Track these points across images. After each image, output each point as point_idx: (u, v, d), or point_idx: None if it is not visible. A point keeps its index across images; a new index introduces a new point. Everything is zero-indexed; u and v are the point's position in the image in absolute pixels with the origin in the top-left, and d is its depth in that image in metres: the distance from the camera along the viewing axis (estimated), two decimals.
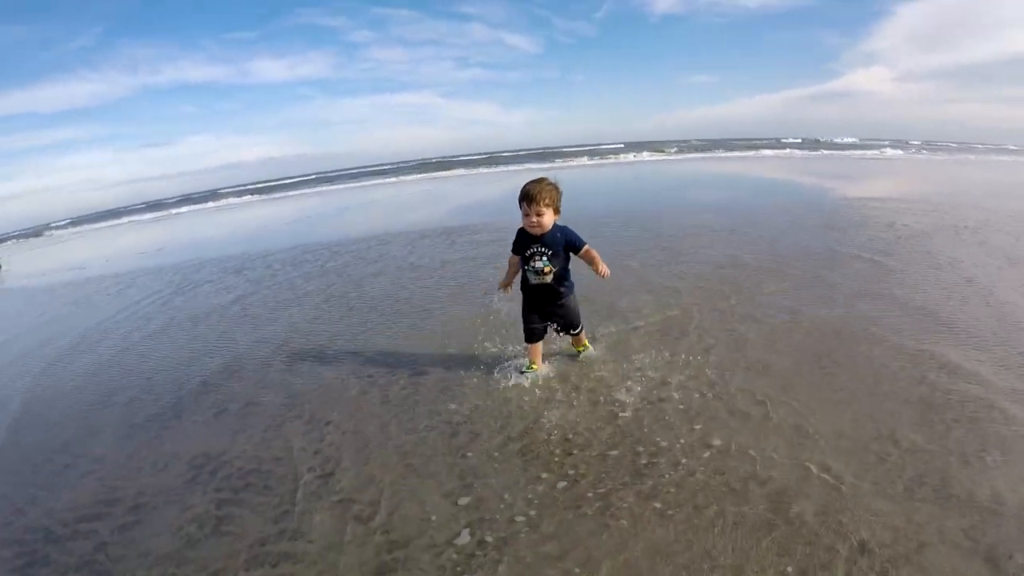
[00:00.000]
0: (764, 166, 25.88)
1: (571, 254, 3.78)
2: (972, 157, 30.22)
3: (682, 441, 3.12)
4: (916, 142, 44.42)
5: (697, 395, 3.63)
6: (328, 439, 3.57)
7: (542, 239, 3.66)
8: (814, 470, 2.82)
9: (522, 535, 2.54)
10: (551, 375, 4.01)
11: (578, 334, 4.12)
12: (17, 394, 5.03)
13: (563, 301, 3.88)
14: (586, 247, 3.71)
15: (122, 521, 3.00)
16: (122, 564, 2.68)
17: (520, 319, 3.97)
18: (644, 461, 2.98)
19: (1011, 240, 7.65)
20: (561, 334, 4.13)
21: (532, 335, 3.96)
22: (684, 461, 2.94)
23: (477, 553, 2.45)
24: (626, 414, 3.44)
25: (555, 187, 3.63)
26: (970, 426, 3.13)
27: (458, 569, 2.38)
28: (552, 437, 3.27)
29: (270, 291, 7.72)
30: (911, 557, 2.24)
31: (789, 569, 2.20)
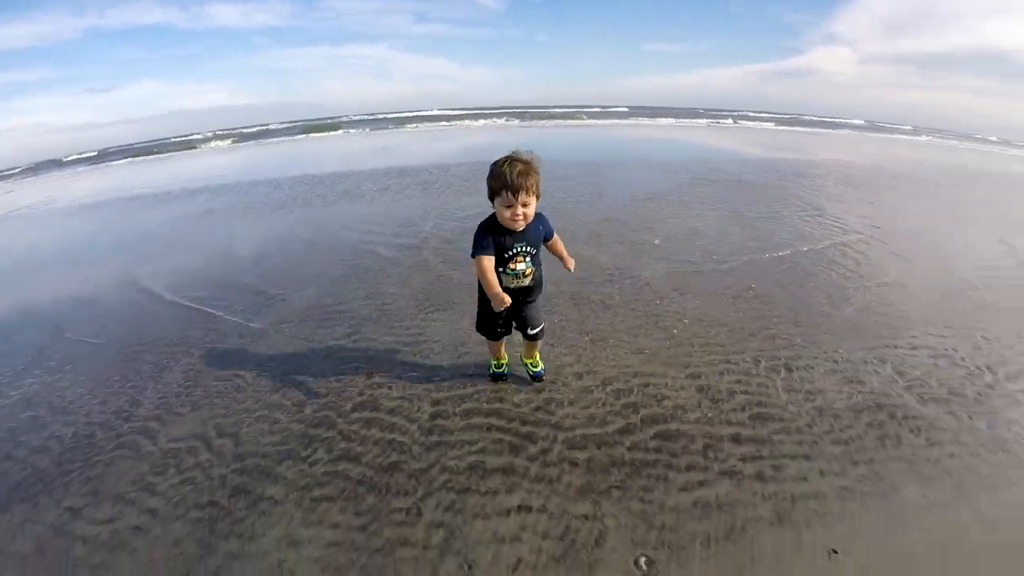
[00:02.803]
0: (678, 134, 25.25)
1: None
2: (922, 139, 30.46)
3: None
4: (859, 122, 44.19)
5: None
6: None
7: (526, 235, 2.90)
8: None
9: None
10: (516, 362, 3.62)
11: (538, 336, 3.31)
12: None
13: (533, 300, 3.17)
14: (556, 236, 3.11)
15: None
16: None
17: (475, 315, 3.30)
18: None
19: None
20: (514, 333, 3.40)
21: (495, 333, 3.32)
22: None
23: None
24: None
25: (536, 167, 2.77)
26: None
27: None
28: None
29: None
30: None
31: None
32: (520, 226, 2.81)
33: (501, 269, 2.90)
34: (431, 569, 2.27)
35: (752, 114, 47.39)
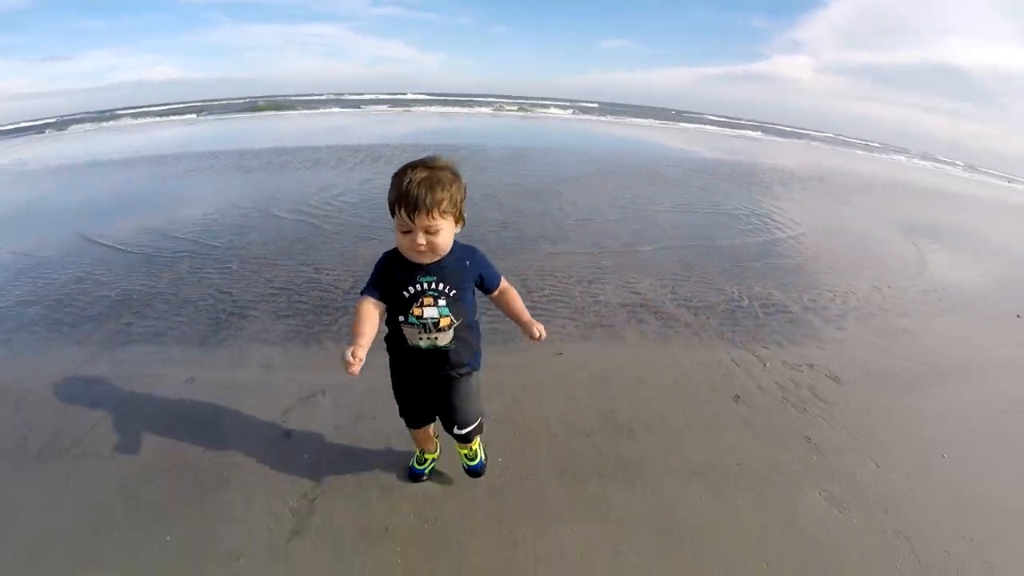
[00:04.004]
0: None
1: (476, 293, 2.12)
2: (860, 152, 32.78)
3: None
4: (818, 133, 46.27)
5: None
6: None
7: (436, 267, 1.92)
8: None
9: None
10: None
11: (470, 434, 2.30)
12: None
13: (461, 380, 2.15)
14: (503, 284, 2.11)
15: None
16: None
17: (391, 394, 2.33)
18: None
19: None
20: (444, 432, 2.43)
21: (414, 420, 2.38)
22: None
23: None
24: None
25: (455, 177, 1.86)
26: None
27: None
28: None
29: None
30: None
31: None
32: (425, 259, 1.87)
33: (402, 319, 1.95)
34: None
35: (715, 118, 49.29)
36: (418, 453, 2.64)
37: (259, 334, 4.09)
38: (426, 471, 2.63)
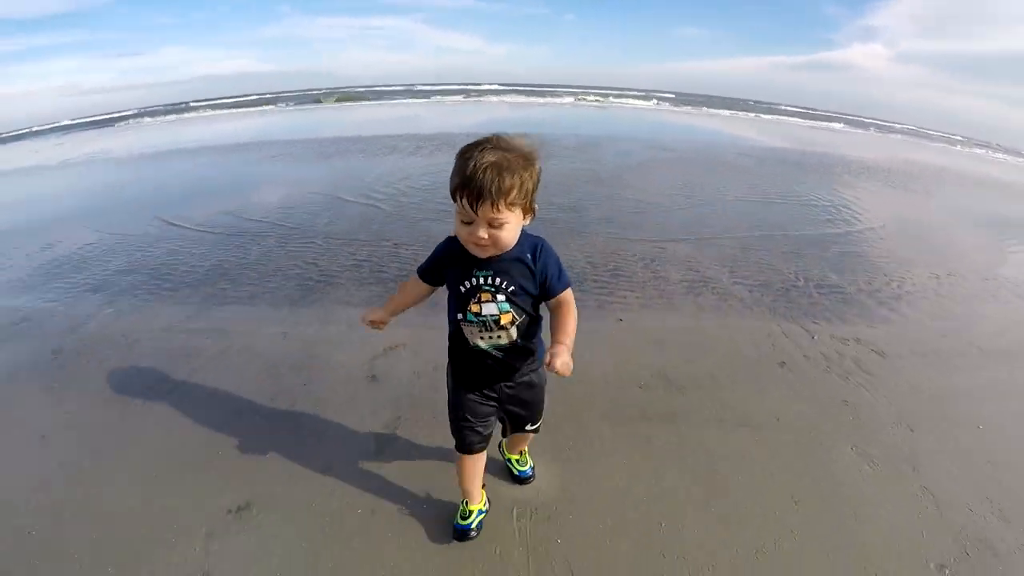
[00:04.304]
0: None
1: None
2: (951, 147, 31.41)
3: None
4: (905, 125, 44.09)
5: None
6: None
7: (496, 261, 1.72)
8: None
9: None
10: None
11: (536, 431, 2.25)
12: None
13: (528, 379, 1.99)
14: (567, 295, 1.80)
15: None
16: None
17: (447, 407, 2.09)
18: None
19: None
20: (507, 436, 2.38)
21: (469, 441, 2.06)
22: None
23: None
24: None
25: (529, 162, 1.59)
26: None
27: None
28: None
29: None
30: None
31: None
32: (485, 253, 1.68)
33: (460, 316, 1.80)
34: None
35: (790, 108, 48.44)
36: (462, 506, 2.30)
37: (344, 298, 4.59)
38: (473, 525, 2.25)
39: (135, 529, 2.36)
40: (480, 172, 1.48)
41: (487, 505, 2.35)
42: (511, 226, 1.60)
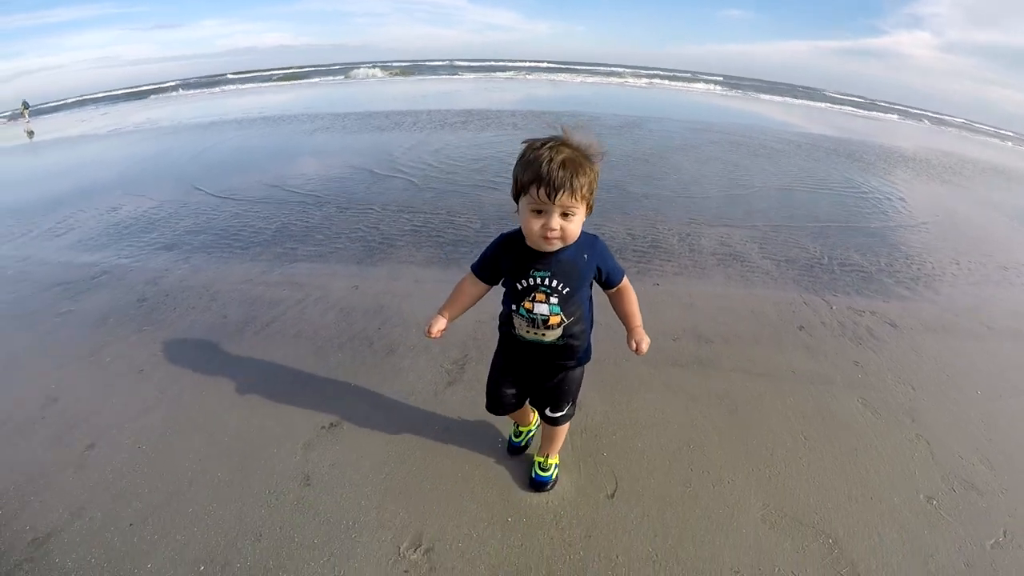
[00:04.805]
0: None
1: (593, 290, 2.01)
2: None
3: None
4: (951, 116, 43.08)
5: None
6: None
7: (554, 260, 1.81)
8: None
9: None
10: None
11: (560, 419, 2.26)
12: None
13: (567, 374, 2.14)
14: (625, 281, 2.03)
15: None
16: None
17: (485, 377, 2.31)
18: None
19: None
20: (536, 414, 2.58)
21: (496, 406, 2.30)
22: None
23: None
24: None
25: (592, 163, 1.70)
26: None
27: None
28: None
29: None
30: None
31: None
32: (553, 246, 1.75)
33: (514, 307, 1.92)
34: None
35: (832, 95, 48.08)
36: (513, 427, 2.65)
37: (407, 258, 5.00)
38: (523, 443, 2.62)
39: (237, 442, 2.69)
40: (557, 166, 1.59)
41: (537, 425, 2.64)
42: (578, 219, 1.71)
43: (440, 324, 2.02)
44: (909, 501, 2.46)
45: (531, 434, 2.65)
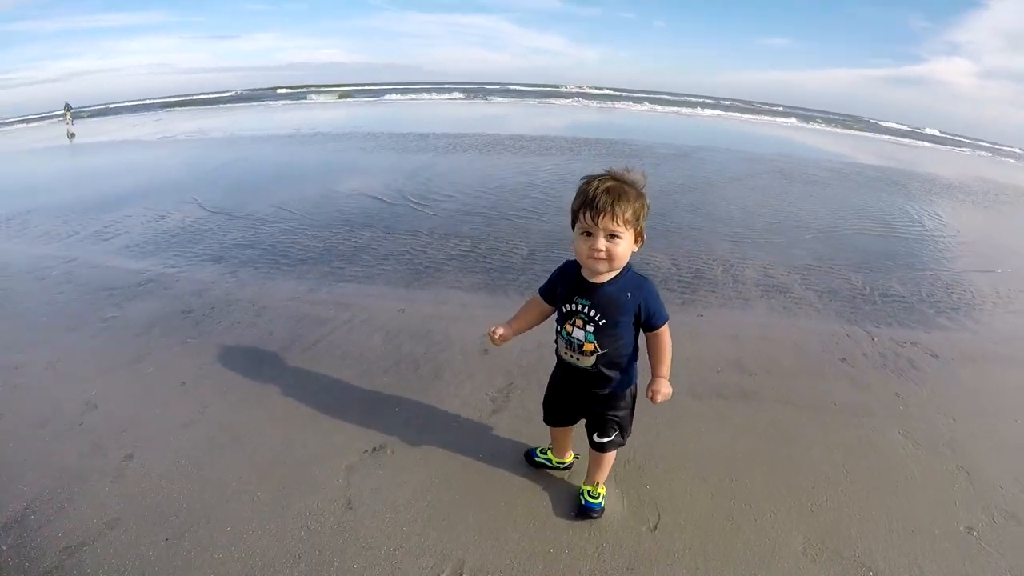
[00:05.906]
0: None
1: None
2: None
3: None
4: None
5: None
6: None
7: (599, 291, 1.96)
8: None
9: None
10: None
11: (606, 445, 2.30)
12: None
13: (608, 392, 2.18)
14: (666, 326, 2.07)
15: None
16: None
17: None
18: None
19: None
20: (571, 454, 2.69)
21: (550, 418, 2.49)
22: None
23: None
24: None
25: (640, 194, 1.90)
26: None
27: None
28: None
29: None
30: None
31: None
32: (600, 268, 1.89)
33: (558, 328, 2.10)
34: None
35: (873, 120, 48.36)
36: (544, 446, 2.73)
37: (454, 283, 5.11)
38: (537, 457, 2.70)
39: (279, 462, 2.68)
40: (601, 193, 1.79)
41: (571, 461, 2.70)
42: (624, 243, 1.85)
43: (503, 331, 2.22)
44: (950, 532, 2.48)
45: (553, 463, 2.69)
